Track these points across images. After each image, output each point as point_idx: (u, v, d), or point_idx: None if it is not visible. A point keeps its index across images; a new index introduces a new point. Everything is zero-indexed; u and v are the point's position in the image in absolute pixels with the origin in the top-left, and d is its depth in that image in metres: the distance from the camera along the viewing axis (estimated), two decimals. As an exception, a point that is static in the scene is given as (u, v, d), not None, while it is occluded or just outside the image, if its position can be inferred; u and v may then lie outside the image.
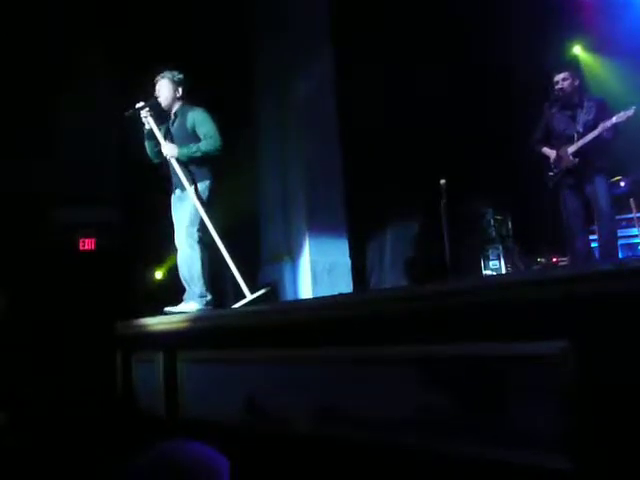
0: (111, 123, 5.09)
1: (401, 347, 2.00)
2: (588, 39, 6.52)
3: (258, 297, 3.49)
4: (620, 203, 5.35)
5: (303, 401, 2.36)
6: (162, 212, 3.94)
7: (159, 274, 5.77)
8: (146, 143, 3.78)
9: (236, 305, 3.49)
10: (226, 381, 2.83)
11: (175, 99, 3.75)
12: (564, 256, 5.50)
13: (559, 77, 4.22)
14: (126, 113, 3.68)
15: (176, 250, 3.77)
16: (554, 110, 4.27)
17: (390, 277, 6.06)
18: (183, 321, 3.29)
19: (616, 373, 1.48)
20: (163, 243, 5.36)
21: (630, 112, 3.97)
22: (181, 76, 3.77)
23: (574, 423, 1.53)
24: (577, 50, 6.71)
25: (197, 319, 3.25)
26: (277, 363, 2.57)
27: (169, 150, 3.63)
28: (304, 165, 5.54)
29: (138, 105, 3.67)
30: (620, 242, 5.30)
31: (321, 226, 5.48)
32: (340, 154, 5.59)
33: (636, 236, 5.36)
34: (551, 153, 4.29)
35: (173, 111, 3.77)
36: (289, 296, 5.39)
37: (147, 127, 3.69)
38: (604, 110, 4.15)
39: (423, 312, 1.96)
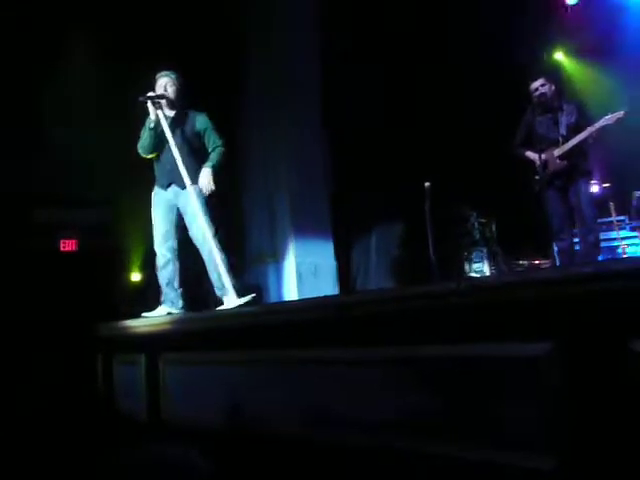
0: (95, 120, 5.03)
1: (388, 348, 2.00)
2: (570, 44, 6.63)
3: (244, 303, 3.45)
4: (600, 207, 5.44)
5: (289, 403, 2.35)
6: (146, 213, 3.87)
7: (140, 276, 5.72)
8: (147, 133, 3.61)
9: (220, 308, 3.46)
10: (210, 383, 2.81)
11: (179, 100, 3.71)
12: (546, 258, 5.57)
13: (537, 84, 4.33)
14: (140, 98, 3.54)
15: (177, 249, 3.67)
16: (535, 114, 4.34)
17: (375, 279, 6.08)
18: (166, 323, 3.26)
19: (600, 374, 1.49)
20: (147, 244, 5.32)
21: (620, 114, 4.05)
22: (181, 80, 3.73)
23: (559, 424, 1.54)
24: (559, 55, 6.82)
25: (180, 321, 3.23)
26: (262, 365, 2.55)
27: (206, 179, 3.56)
28: (289, 167, 5.54)
29: (152, 94, 3.57)
30: (601, 245, 5.39)
31: (306, 228, 5.48)
32: (325, 156, 5.60)
33: (616, 239, 5.45)
34: (535, 157, 4.32)
35: (173, 112, 3.69)
36: (274, 298, 5.38)
37: (152, 118, 3.56)
38: (584, 113, 4.26)
39: (410, 313, 1.96)
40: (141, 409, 3.24)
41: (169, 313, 3.55)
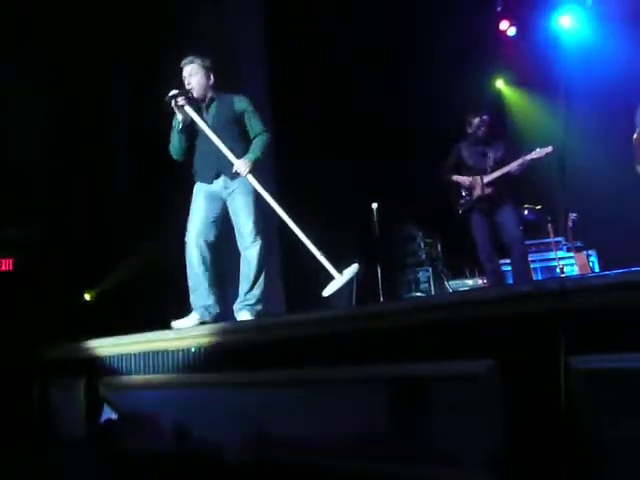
0: (35, 125, 4.80)
1: (332, 369, 2.01)
2: (510, 73, 6.95)
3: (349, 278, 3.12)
4: (537, 228, 5.70)
5: (233, 426, 2.31)
6: (93, 227, 3.67)
7: (88, 296, 5.52)
8: (176, 136, 3.30)
9: (328, 289, 3.10)
10: (155, 408, 2.73)
11: (208, 87, 3.36)
12: (488, 278, 5.76)
13: (480, 119, 4.50)
14: (166, 99, 3.19)
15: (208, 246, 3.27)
16: (466, 145, 4.60)
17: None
18: (105, 346, 3.15)
19: (540, 391, 1.54)
20: (95, 261, 5.11)
21: (548, 149, 4.35)
22: (209, 62, 3.39)
23: (499, 441, 1.58)
24: (499, 84, 7.14)
25: (122, 343, 3.12)
26: (209, 387, 2.51)
27: (243, 166, 3.20)
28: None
29: (172, 93, 3.21)
30: (539, 265, 5.64)
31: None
32: (274, 178, 5.60)
33: (553, 259, 5.69)
34: (464, 179, 4.55)
35: (206, 100, 3.37)
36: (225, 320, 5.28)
37: (179, 118, 3.26)
38: (510, 149, 4.54)
39: (355, 334, 1.98)
40: (81, 436, 3.11)
41: (202, 323, 3.16)
